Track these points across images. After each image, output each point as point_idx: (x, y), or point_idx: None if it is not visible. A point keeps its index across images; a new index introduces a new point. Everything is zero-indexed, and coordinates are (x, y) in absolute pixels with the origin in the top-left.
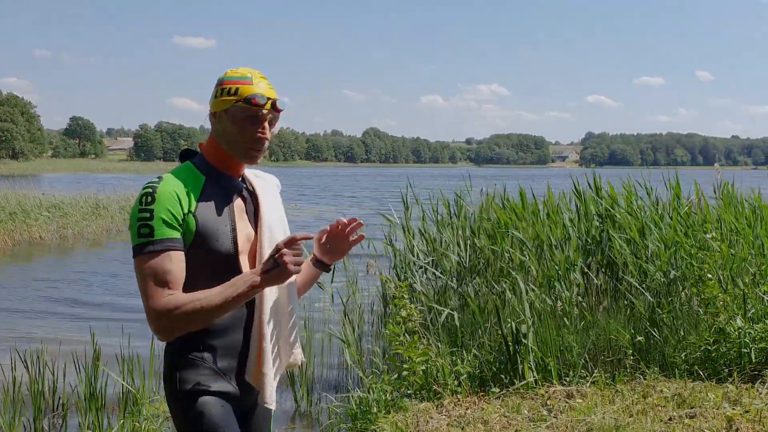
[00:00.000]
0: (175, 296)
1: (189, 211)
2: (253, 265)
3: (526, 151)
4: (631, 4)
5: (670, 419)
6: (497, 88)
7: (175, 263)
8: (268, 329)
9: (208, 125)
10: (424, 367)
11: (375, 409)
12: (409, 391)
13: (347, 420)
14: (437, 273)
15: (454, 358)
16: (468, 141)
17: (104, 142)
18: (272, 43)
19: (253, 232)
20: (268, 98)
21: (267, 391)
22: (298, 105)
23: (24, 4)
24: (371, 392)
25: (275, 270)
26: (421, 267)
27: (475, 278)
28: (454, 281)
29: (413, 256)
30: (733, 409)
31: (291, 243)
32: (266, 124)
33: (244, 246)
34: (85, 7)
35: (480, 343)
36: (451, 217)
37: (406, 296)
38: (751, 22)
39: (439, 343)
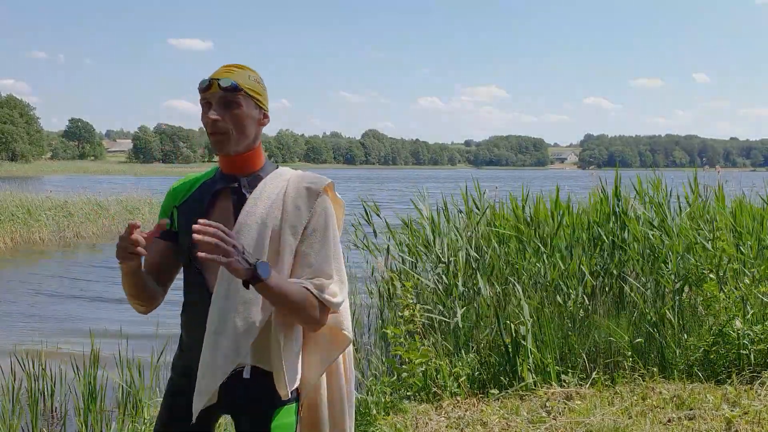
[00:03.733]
0: None
1: (175, 206)
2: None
3: (525, 153)
4: (627, 6)
5: (669, 421)
6: (495, 90)
7: (153, 248)
8: (209, 337)
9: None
10: (423, 369)
11: (374, 410)
12: (408, 393)
13: None
14: (444, 272)
15: (453, 359)
16: (467, 143)
17: (103, 144)
18: (269, 45)
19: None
20: (210, 79)
21: (195, 399)
22: (298, 106)
23: (18, 4)
24: (371, 394)
25: None
26: (438, 271)
27: (477, 279)
28: (459, 282)
29: (423, 256)
30: (732, 410)
31: (129, 229)
32: (215, 106)
33: None
34: (79, 8)
35: (479, 345)
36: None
37: (410, 296)
38: (747, 24)
39: (444, 342)
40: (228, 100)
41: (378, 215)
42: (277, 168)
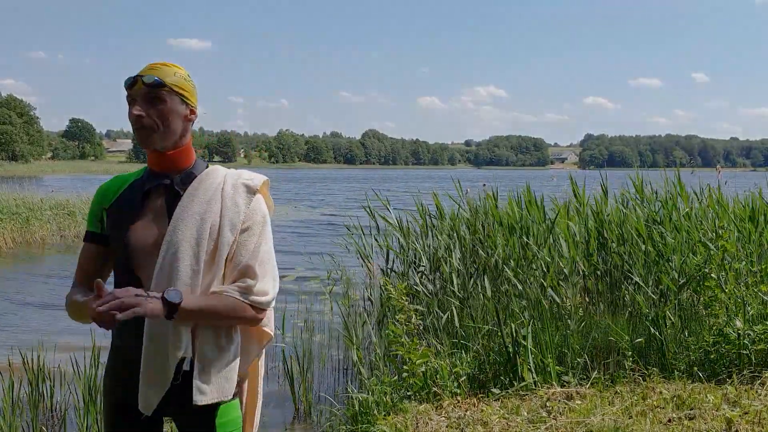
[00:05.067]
0: (71, 289)
1: (104, 207)
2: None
3: (525, 153)
4: (625, 6)
5: (669, 421)
6: (495, 90)
7: (84, 254)
8: (149, 330)
9: (207, 127)
10: (423, 369)
11: (375, 410)
12: (408, 393)
13: (347, 422)
14: (435, 275)
15: (453, 359)
16: (467, 143)
17: (103, 144)
18: (268, 45)
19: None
20: (134, 76)
21: (145, 395)
22: (298, 107)
23: (17, 4)
24: (371, 394)
25: None
26: (420, 270)
27: (475, 279)
28: (455, 283)
29: (414, 258)
30: (733, 410)
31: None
32: (139, 102)
33: (144, 248)
34: (78, 7)
35: (479, 345)
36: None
37: (404, 298)
38: (746, 23)
39: (441, 345)
40: (152, 96)
41: (388, 209)
42: (207, 167)
